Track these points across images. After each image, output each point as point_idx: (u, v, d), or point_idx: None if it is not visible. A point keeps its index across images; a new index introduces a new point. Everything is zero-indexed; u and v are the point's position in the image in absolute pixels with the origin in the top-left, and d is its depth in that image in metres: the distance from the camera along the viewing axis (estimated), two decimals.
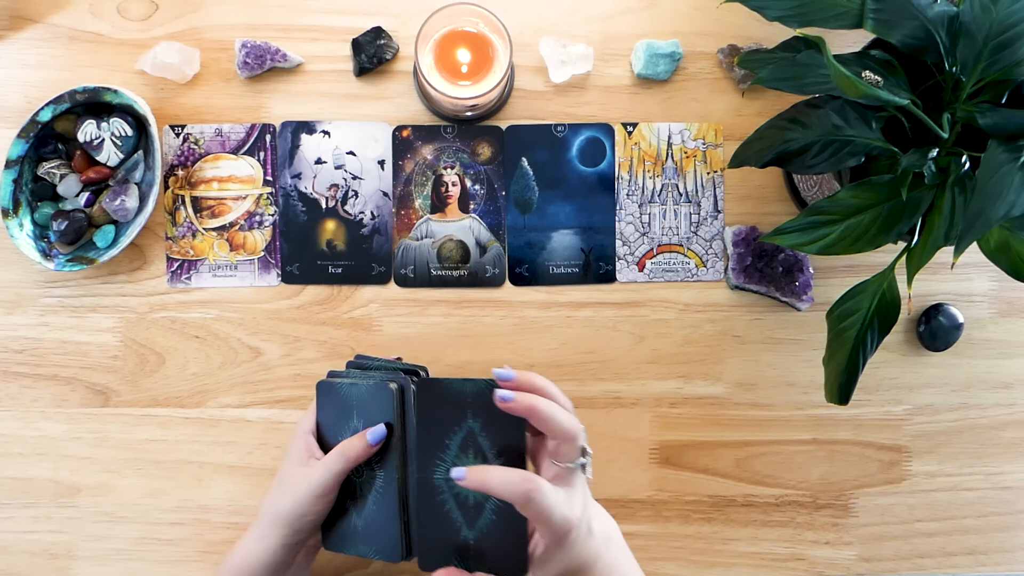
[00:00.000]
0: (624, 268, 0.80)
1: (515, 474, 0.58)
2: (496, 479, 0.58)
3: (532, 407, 0.59)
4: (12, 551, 0.78)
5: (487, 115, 0.80)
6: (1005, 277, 0.76)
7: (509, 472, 0.59)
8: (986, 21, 0.60)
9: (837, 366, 0.66)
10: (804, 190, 0.79)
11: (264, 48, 0.78)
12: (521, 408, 0.59)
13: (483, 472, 0.59)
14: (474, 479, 0.59)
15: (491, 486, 0.58)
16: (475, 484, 0.59)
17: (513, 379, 0.61)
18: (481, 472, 0.59)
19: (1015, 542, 0.80)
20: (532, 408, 0.59)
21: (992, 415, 0.81)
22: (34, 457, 0.78)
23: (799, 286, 0.78)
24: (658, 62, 0.79)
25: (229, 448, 0.79)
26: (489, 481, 0.58)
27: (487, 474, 0.59)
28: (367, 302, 0.79)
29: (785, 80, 0.64)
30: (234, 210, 0.80)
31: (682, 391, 0.80)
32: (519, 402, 0.59)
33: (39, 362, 0.79)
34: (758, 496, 0.80)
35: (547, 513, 0.58)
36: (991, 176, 0.55)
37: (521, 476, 0.58)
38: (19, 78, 0.79)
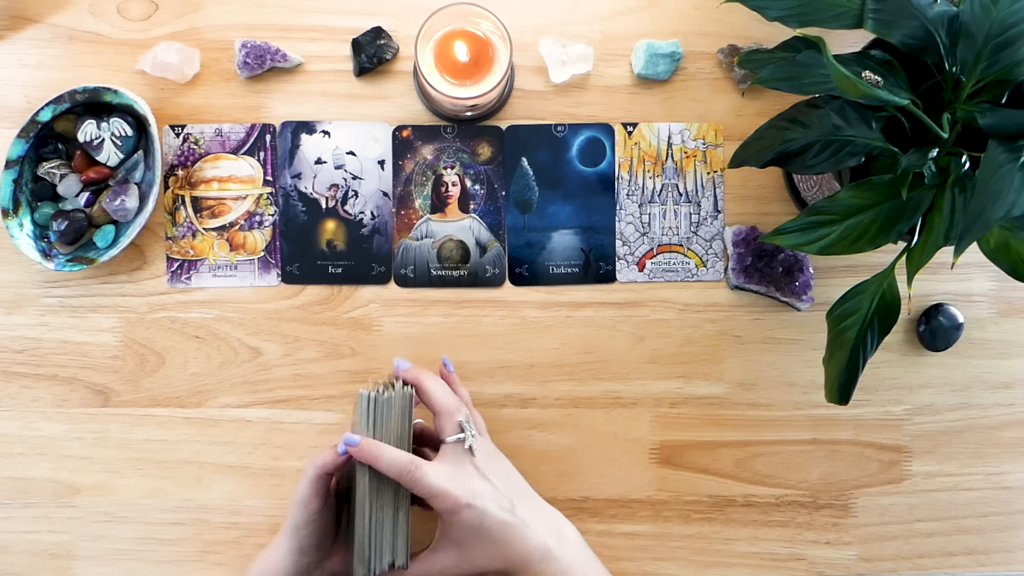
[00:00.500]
0: (624, 268, 0.80)
1: (401, 454, 0.65)
2: (384, 455, 0.65)
3: (418, 379, 0.69)
4: (12, 551, 0.78)
5: (487, 115, 0.80)
6: (1005, 277, 0.75)
7: (396, 452, 0.65)
8: (986, 21, 0.59)
9: (837, 366, 0.65)
10: (804, 190, 0.79)
11: (264, 48, 0.78)
12: (410, 377, 0.69)
13: (376, 447, 0.65)
14: (366, 450, 0.65)
15: (380, 461, 0.64)
16: (365, 455, 0.65)
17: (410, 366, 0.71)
18: (374, 446, 0.65)
19: (1015, 542, 0.80)
20: (418, 379, 0.69)
21: (992, 415, 0.81)
22: (34, 457, 0.78)
23: (799, 286, 0.78)
24: (658, 62, 0.79)
25: (229, 448, 0.79)
26: (379, 456, 0.65)
27: (379, 449, 0.65)
28: (367, 302, 0.79)
29: (785, 80, 0.64)
30: (234, 210, 0.80)
31: (682, 391, 0.80)
32: (409, 372, 0.70)
33: (39, 362, 0.79)
34: (758, 496, 0.80)
35: (427, 487, 0.64)
36: (991, 176, 0.55)
37: (404, 457, 0.65)
38: (19, 78, 0.79)
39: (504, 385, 0.79)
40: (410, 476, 0.64)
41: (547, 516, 0.70)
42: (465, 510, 0.65)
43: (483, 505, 0.65)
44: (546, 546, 0.66)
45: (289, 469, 0.79)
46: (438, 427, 0.68)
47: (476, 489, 0.66)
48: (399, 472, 0.64)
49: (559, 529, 0.69)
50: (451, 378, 0.74)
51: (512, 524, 0.66)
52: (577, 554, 0.68)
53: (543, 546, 0.66)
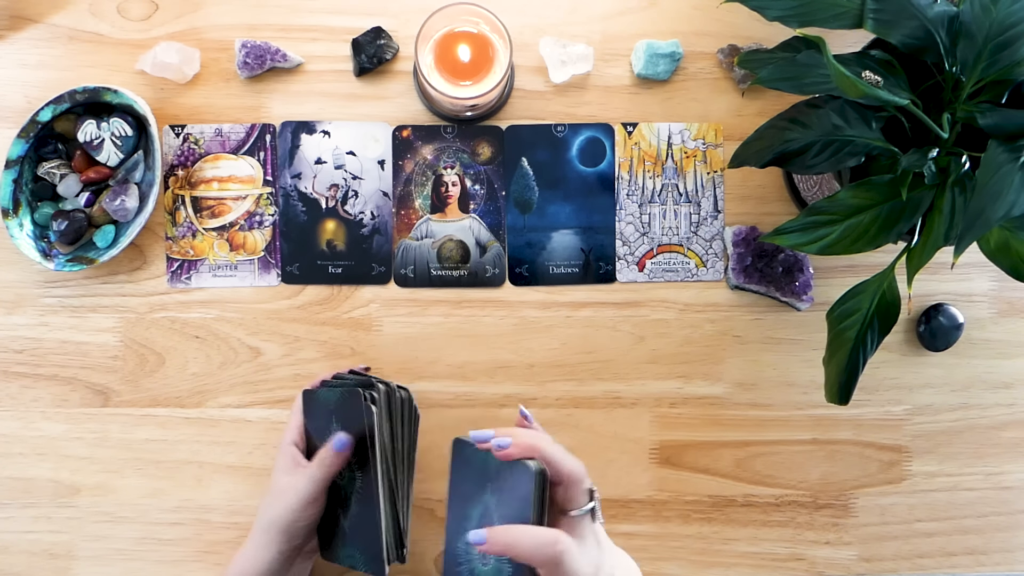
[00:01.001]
0: (624, 268, 0.80)
1: (545, 534, 0.53)
2: (525, 540, 0.52)
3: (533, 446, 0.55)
4: (12, 551, 0.78)
5: (487, 115, 0.80)
6: (1005, 277, 0.75)
7: (537, 531, 0.53)
8: (986, 21, 0.59)
9: (837, 366, 0.65)
10: (804, 190, 0.79)
11: (264, 48, 0.78)
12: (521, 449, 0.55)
13: (508, 533, 0.53)
14: (499, 541, 0.53)
15: (519, 548, 0.52)
16: (500, 547, 0.53)
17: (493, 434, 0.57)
18: (505, 533, 0.53)
19: (1015, 542, 0.80)
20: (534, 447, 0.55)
21: (992, 415, 0.81)
22: (34, 457, 0.78)
23: (799, 286, 0.78)
24: (658, 62, 0.79)
25: (229, 448, 0.79)
26: (517, 543, 0.52)
27: (513, 535, 0.53)
28: (367, 302, 0.79)
29: (785, 80, 0.64)
30: (234, 210, 0.80)
31: (682, 391, 0.80)
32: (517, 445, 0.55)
33: (39, 362, 0.79)
34: (758, 496, 0.80)
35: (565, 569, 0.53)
36: (991, 176, 0.55)
37: (552, 535, 0.53)
38: (19, 78, 0.79)
39: (504, 385, 0.79)
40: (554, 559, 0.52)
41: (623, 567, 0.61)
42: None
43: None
44: None
45: None
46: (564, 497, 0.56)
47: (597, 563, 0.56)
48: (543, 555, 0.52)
49: None
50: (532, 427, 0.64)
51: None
52: None
53: None
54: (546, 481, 0.54)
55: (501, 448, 0.55)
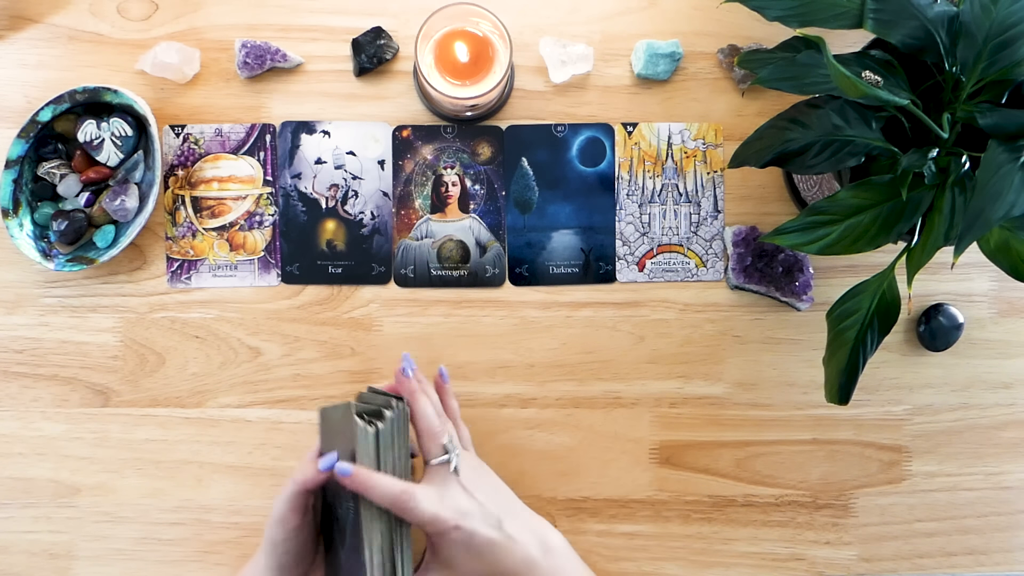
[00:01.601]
0: (624, 268, 0.80)
1: (394, 484, 0.64)
2: (377, 486, 0.63)
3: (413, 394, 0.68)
4: (12, 551, 0.78)
5: (487, 115, 0.80)
6: (1005, 277, 0.76)
7: (390, 481, 0.64)
8: (986, 21, 0.59)
9: (837, 366, 0.65)
10: (804, 190, 0.79)
11: (264, 48, 0.78)
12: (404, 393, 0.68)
13: (369, 477, 0.64)
14: (359, 480, 0.63)
15: (373, 491, 0.63)
16: (358, 485, 0.63)
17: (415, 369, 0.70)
18: (367, 476, 0.64)
19: (1015, 542, 0.80)
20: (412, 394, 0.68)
21: (992, 415, 0.81)
22: (34, 457, 0.78)
23: (799, 286, 0.78)
24: (658, 62, 0.79)
25: (229, 448, 0.79)
26: (372, 487, 0.63)
27: (372, 480, 0.64)
28: (367, 302, 0.79)
29: (785, 80, 0.64)
30: (234, 210, 0.80)
31: (682, 391, 0.80)
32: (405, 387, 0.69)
33: (39, 362, 0.79)
34: (758, 496, 0.80)
35: (419, 516, 0.64)
36: (991, 176, 0.55)
37: (396, 485, 0.64)
38: (19, 78, 0.79)
39: (504, 385, 0.79)
40: (403, 506, 0.64)
41: (533, 527, 0.70)
42: (454, 532, 0.65)
43: (471, 525, 0.65)
44: (531, 558, 0.67)
45: (289, 469, 0.78)
46: (423, 449, 0.68)
47: (464, 509, 0.66)
48: (392, 502, 0.64)
49: (545, 539, 0.69)
50: (444, 389, 0.73)
51: (498, 540, 0.66)
52: (562, 562, 0.69)
53: (528, 558, 0.67)
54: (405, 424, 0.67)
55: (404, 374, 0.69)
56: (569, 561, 0.70)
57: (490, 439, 0.78)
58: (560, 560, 0.69)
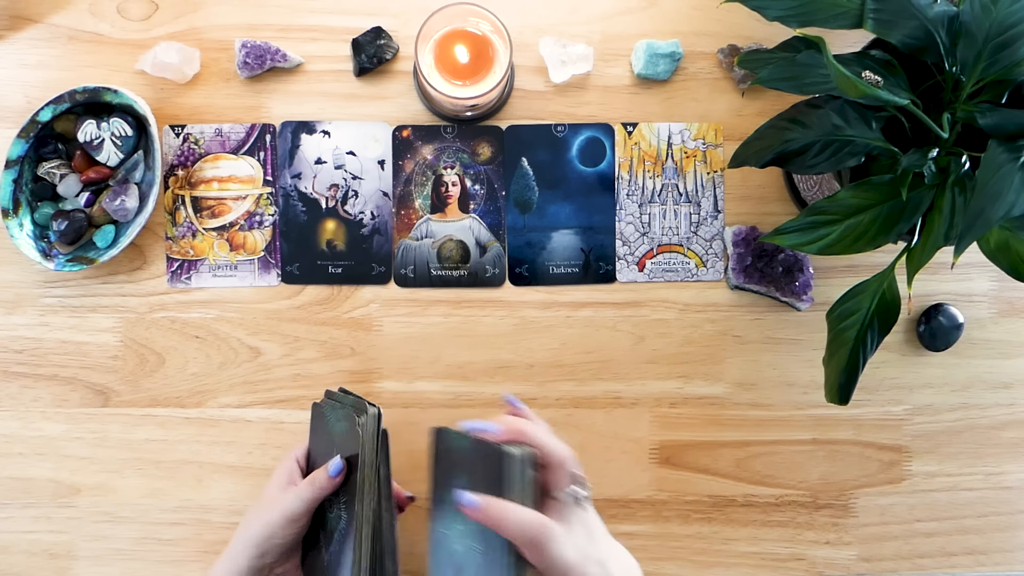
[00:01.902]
0: (624, 268, 0.80)
1: (532, 515, 0.55)
2: (512, 516, 0.54)
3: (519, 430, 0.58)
4: (12, 551, 0.78)
5: (487, 115, 0.80)
6: (1005, 277, 0.76)
7: (526, 511, 0.55)
8: (986, 21, 0.59)
9: (837, 366, 0.65)
10: (804, 190, 0.79)
11: (264, 48, 0.78)
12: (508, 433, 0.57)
13: (499, 506, 0.55)
14: (490, 513, 0.55)
15: (506, 522, 0.54)
16: (489, 518, 0.55)
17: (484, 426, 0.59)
18: (498, 506, 0.55)
19: (1015, 542, 0.80)
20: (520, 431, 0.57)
21: (992, 415, 0.81)
22: (34, 457, 0.78)
23: (799, 286, 0.78)
24: (658, 62, 0.79)
25: (229, 448, 0.79)
26: (505, 517, 0.54)
27: (503, 509, 0.55)
28: (367, 302, 0.79)
29: (785, 80, 0.64)
30: (234, 210, 0.80)
31: (682, 391, 0.80)
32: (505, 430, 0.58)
33: (39, 362, 0.79)
34: (758, 496, 0.80)
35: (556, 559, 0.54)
36: (991, 176, 0.55)
37: (539, 518, 0.55)
38: (19, 78, 0.79)
39: (504, 385, 0.79)
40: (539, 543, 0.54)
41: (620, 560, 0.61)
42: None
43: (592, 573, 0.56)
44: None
45: None
46: (549, 480, 0.58)
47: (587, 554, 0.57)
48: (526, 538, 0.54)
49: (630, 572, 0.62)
50: (525, 414, 0.65)
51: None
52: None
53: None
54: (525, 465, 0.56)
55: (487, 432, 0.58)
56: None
57: None
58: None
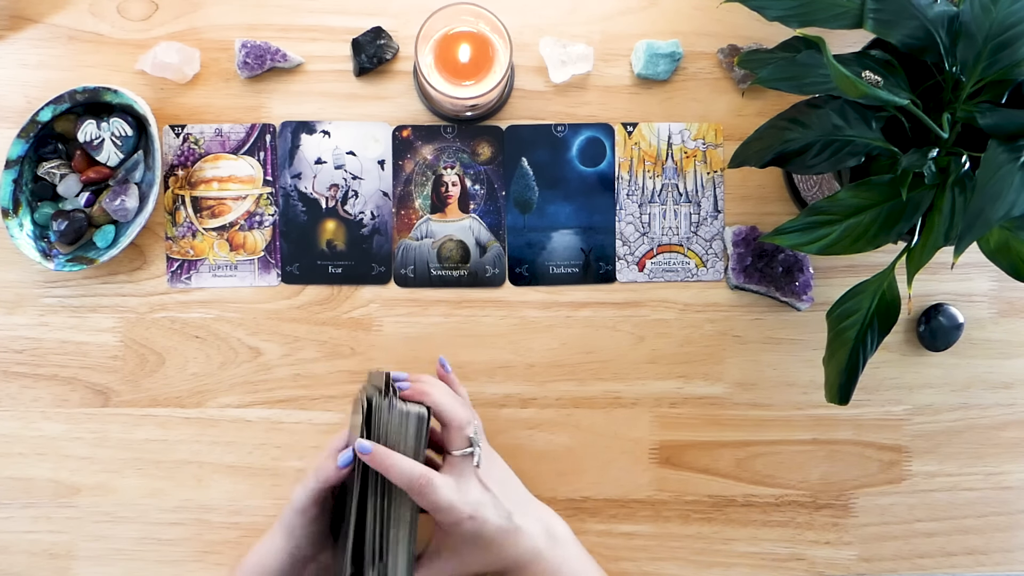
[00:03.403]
0: (624, 268, 0.80)
1: (414, 466, 0.64)
2: (396, 466, 0.64)
3: (424, 392, 0.67)
4: (12, 551, 0.78)
5: (487, 115, 0.80)
6: (1005, 277, 0.75)
7: (410, 463, 0.64)
8: (986, 21, 0.59)
9: (837, 366, 0.65)
10: (804, 190, 0.79)
11: (264, 48, 0.78)
12: (416, 392, 0.67)
13: (389, 456, 0.64)
14: (379, 459, 0.64)
15: (392, 471, 0.64)
16: (377, 463, 0.64)
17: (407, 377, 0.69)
18: (387, 456, 0.64)
19: (1015, 542, 0.80)
20: (424, 392, 0.67)
21: (992, 415, 0.81)
22: (34, 457, 0.78)
23: (799, 286, 0.78)
24: (658, 62, 0.79)
25: (229, 448, 0.79)
26: (392, 466, 0.64)
27: (391, 459, 0.64)
28: (367, 302, 0.79)
29: (785, 80, 0.64)
30: (234, 210, 0.80)
31: (682, 391, 0.80)
32: (413, 389, 0.67)
33: (39, 362, 0.79)
34: (758, 496, 0.80)
35: (435, 501, 0.64)
36: (991, 176, 0.55)
37: (419, 469, 0.64)
38: (19, 78, 0.79)
39: (504, 385, 0.79)
40: (421, 489, 0.64)
41: (540, 516, 0.71)
42: (467, 522, 0.65)
43: (484, 516, 0.66)
44: (537, 548, 0.68)
45: (289, 469, 0.79)
46: (447, 439, 0.68)
47: (478, 500, 0.66)
48: (409, 483, 0.64)
49: (551, 529, 0.70)
50: (449, 379, 0.73)
51: (507, 530, 0.67)
52: (567, 552, 0.70)
53: (534, 548, 0.68)
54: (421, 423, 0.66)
55: (400, 388, 0.67)
56: (574, 550, 0.71)
57: (490, 439, 0.78)
58: (565, 550, 0.70)
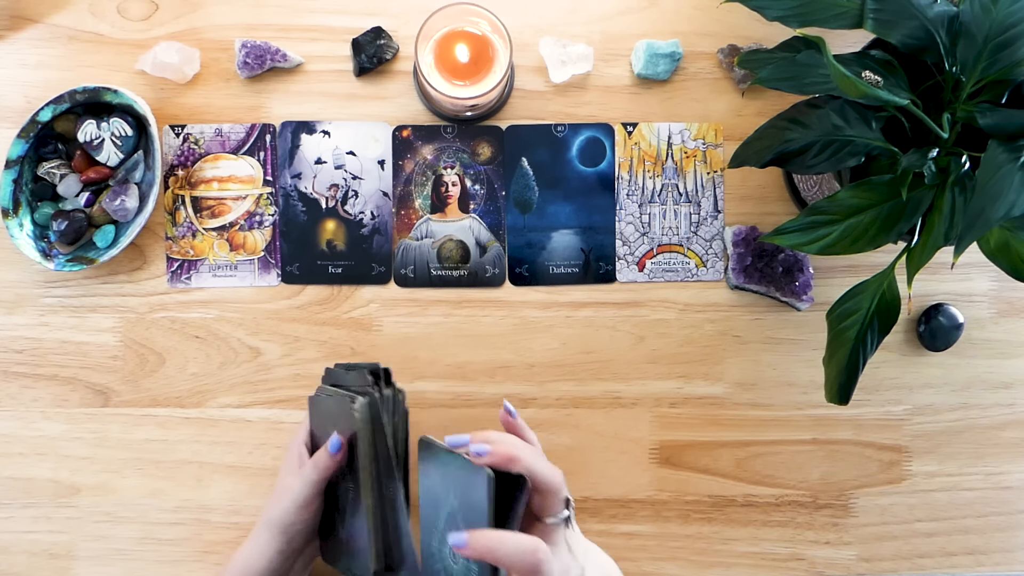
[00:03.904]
0: (624, 268, 0.80)
1: (525, 540, 0.54)
2: (506, 546, 0.53)
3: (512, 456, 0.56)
4: (12, 551, 0.78)
5: (487, 115, 0.80)
6: (1005, 277, 0.76)
7: (519, 538, 0.54)
8: (986, 21, 0.60)
9: (837, 366, 0.65)
10: (804, 190, 0.79)
11: (264, 48, 0.78)
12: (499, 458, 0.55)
13: (489, 538, 0.53)
14: (480, 546, 0.53)
15: (499, 553, 0.53)
16: (481, 551, 0.53)
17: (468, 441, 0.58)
18: (486, 538, 0.53)
19: (1015, 542, 0.80)
20: (512, 457, 0.56)
21: (992, 415, 0.81)
22: (34, 457, 0.78)
23: (799, 286, 0.78)
24: (658, 62, 0.79)
25: (229, 448, 0.79)
26: (498, 548, 0.53)
27: (494, 540, 0.53)
28: (367, 302, 0.79)
29: (785, 80, 0.64)
30: (234, 210, 0.80)
31: (682, 391, 0.80)
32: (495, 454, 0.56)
33: (39, 362, 0.79)
34: (758, 496, 0.80)
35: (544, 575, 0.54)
36: (991, 176, 0.55)
37: (532, 543, 0.54)
38: (19, 78, 0.79)
39: (504, 385, 0.79)
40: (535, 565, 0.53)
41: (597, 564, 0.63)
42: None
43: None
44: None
45: None
46: (540, 505, 0.58)
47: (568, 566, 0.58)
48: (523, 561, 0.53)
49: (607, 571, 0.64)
50: (517, 426, 0.64)
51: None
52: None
53: None
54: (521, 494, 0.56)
55: (479, 456, 0.55)
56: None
57: None
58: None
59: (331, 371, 0.72)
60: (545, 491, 0.57)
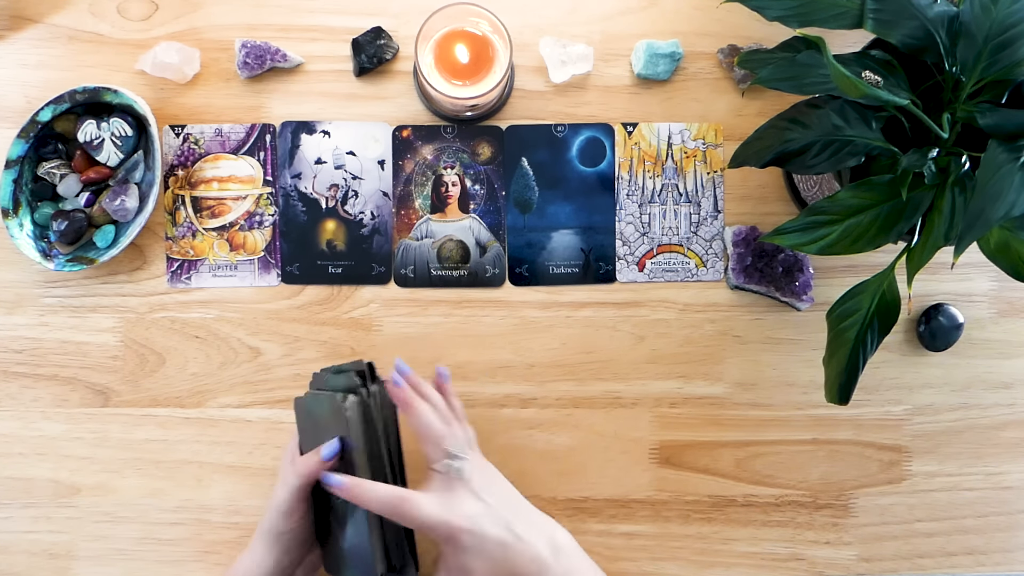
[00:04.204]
0: (624, 268, 0.80)
1: (388, 491, 0.63)
2: (369, 494, 0.63)
3: (407, 402, 0.67)
4: (12, 551, 0.78)
5: (487, 115, 0.80)
6: (1005, 277, 0.76)
7: (382, 488, 0.64)
8: (986, 21, 0.59)
9: (837, 366, 0.65)
10: (804, 190, 0.79)
11: (264, 48, 0.78)
12: (399, 400, 0.67)
13: (358, 486, 0.63)
14: (350, 492, 0.63)
15: (366, 500, 0.63)
16: (351, 496, 0.63)
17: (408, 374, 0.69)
18: (357, 486, 0.63)
19: (1015, 542, 0.80)
20: (407, 402, 0.67)
21: (992, 415, 0.81)
22: (34, 457, 0.78)
23: (799, 286, 0.78)
24: (658, 62, 0.79)
25: (229, 448, 0.79)
26: (363, 496, 0.63)
27: (361, 489, 0.63)
28: (367, 302, 0.79)
29: (785, 80, 0.64)
30: (234, 210, 0.80)
31: (682, 391, 0.80)
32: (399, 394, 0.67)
33: (39, 362, 0.79)
34: (758, 496, 0.80)
35: (421, 520, 0.63)
36: (991, 176, 0.55)
37: (393, 492, 0.63)
38: (19, 78, 0.79)
39: (504, 385, 0.79)
40: (403, 512, 0.63)
41: (541, 526, 0.69)
42: (464, 536, 0.64)
43: (480, 528, 0.65)
44: (541, 558, 0.66)
45: None
46: (426, 454, 0.67)
47: (471, 512, 0.65)
48: (391, 509, 0.63)
49: (553, 538, 0.68)
50: (446, 389, 0.72)
51: (508, 542, 0.65)
52: (571, 562, 0.68)
53: (539, 558, 0.66)
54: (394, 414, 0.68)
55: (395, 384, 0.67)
56: (579, 560, 0.69)
57: (490, 439, 0.78)
58: (570, 560, 0.68)
59: (318, 375, 0.72)
60: (423, 440, 0.67)
